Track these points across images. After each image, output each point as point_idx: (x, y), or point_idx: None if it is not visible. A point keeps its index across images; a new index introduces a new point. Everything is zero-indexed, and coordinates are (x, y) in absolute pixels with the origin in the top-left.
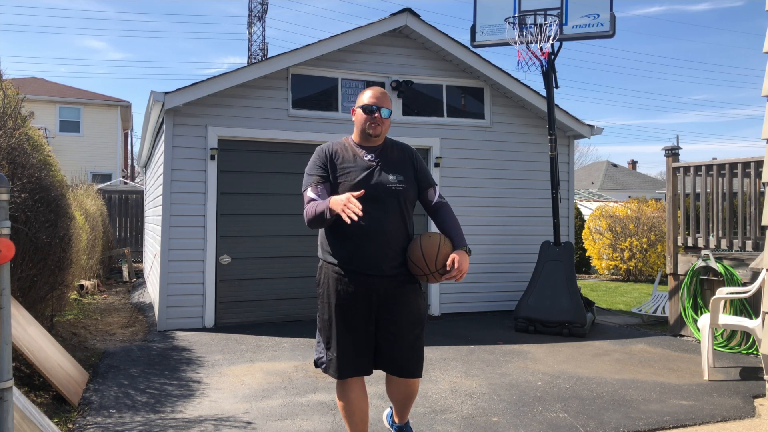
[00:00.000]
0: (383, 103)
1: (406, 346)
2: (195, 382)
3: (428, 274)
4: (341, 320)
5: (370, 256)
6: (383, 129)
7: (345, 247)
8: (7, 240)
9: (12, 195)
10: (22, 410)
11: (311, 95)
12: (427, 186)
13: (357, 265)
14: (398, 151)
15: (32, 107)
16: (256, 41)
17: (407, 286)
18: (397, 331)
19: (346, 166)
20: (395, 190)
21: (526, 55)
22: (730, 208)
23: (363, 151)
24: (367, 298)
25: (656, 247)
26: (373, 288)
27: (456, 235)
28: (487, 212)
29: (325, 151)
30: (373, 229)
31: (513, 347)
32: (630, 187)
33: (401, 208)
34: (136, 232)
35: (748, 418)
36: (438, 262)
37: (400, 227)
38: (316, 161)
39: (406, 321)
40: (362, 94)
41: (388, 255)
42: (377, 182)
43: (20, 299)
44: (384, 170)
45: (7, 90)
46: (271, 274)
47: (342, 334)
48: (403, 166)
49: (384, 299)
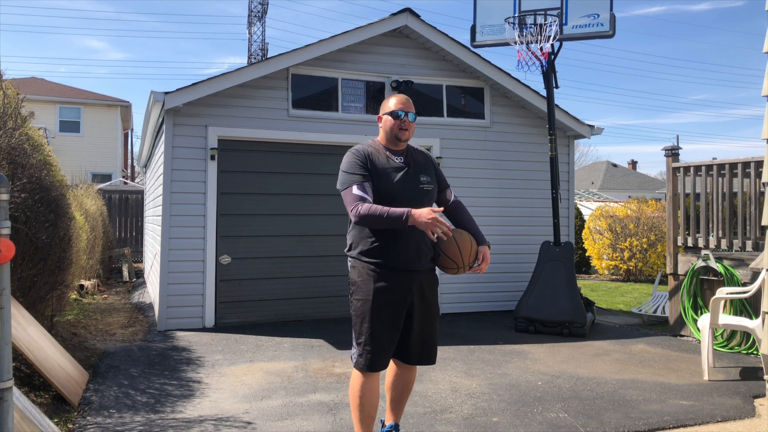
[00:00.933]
0: (409, 108)
1: (428, 336)
2: (195, 382)
3: (461, 267)
4: (377, 317)
5: (410, 253)
6: (410, 133)
7: (386, 246)
8: (7, 240)
9: (12, 195)
10: (22, 410)
11: (311, 95)
12: (445, 187)
13: (398, 262)
14: (420, 155)
15: (32, 107)
16: (256, 41)
17: (434, 280)
18: (422, 323)
19: (382, 167)
20: (426, 190)
21: (526, 55)
22: (730, 208)
23: (391, 153)
24: (405, 294)
25: (656, 247)
26: (412, 283)
27: (478, 230)
28: (487, 212)
29: (362, 152)
30: (412, 228)
31: (513, 347)
32: (630, 187)
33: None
34: (136, 232)
35: (748, 418)
36: (471, 257)
37: None
38: (356, 161)
39: (431, 313)
40: (387, 101)
41: (424, 251)
42: (413, 182)
43: (20, 299)
44: (415, 171)
45: (7, 90)
46: (271, 274)
47: (378, 330)
48: (428, 168)
49: (418, 294)
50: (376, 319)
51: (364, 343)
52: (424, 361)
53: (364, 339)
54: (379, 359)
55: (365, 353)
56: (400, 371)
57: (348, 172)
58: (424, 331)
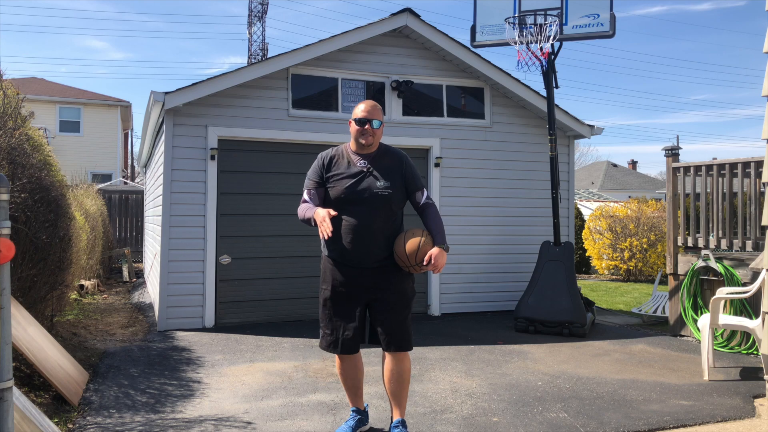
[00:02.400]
0: (374, 115)
1: (396, 323)
2: (195, 382)
3: (409, 266)
4: (333, 305)
5: (357, 251)
6: (375, 139)
7: (337, 243)
8: (7, 240)
9: (12, 195)
10: (22, 410)
11: (311, 95)
12: (414, 189)
13: (347, 259)
14: (389, 158)
15: (32, 107)
16: (256, 41)
17: (393, 274)
18: (386, 312)
19: (339, 172)
20: (382, 195)
21: (526, 55)
22: (730, 208)
23: (357, 157)
24: (355, 287)
25: (656, 247)
26: (361, 277)
27: (437, 233)
28: (487, 212)
29: (323, 158)
30: (361, 228)
31: (513, 347)
32: (630, 187)
33: (387, 211)
34: (136, 232)
35: (748, 418)
36: (417, 257)
37: (386, 226)
38: (314, 167)
39: (393, 303)
40: (356, 108)
41: (373, 251)
42: (365, 187)
43: (20, 299)
44: (374, 176)
45: (7, 90)
46: (271, 274)
47: (331, 316)
48: (392, 172)
49: (372, 287)
50: (330, 307)
51: (322, 326)
52: (393, 347)
53: (323, 324)
54: (333, 341)
55: (324, 336)
56: (387, 361)
57: (307, 177)
58: (386, 319)
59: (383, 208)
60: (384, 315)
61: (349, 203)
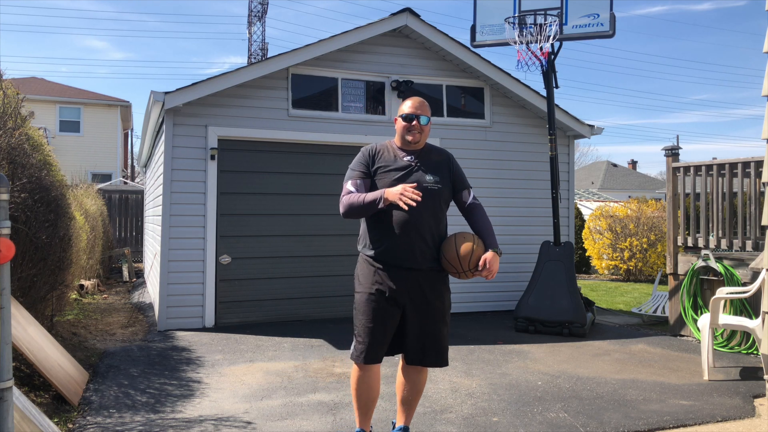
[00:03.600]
0: (422, 111)
1: (431, 336)
2: (195, 382)
3: (461, 272)
4: (374, 310)
5: (405, 250)
6: (422, 136)
7: (382, 241)
8: (7, 240)
9: (12, 195)
10: (22, 410)
11: (311, 95)
12: (462, 188)
13: (393, 258)
14: (436, 154)
15: (32, 107)
16: (256, 41)
17: (438, 281)
18: (422, 322)
19: (386, 164)
20: (431, 190)
21: (526, 55)
22: (730, 208)
23: (403, 153)
24: (400, 291)
25: (656, 247)
26: (409, 281)
27: (488, 235)
28: (487, 212)
29: (369, 150)
30: (410, 224)
31: (513, 347)
32: (630, 187)
33: (436, 207)
34: (136, 232)
35: (748, 418)
36: (471, 262)
37: (435, 224)
38: (360, 159)
39: (433, 313)
40: (403, 104)
41: (422, 249)
42: (415, 181)
43: (20, 299)
44: (422, 170)
45: (7, 90)
46: (271, 274)
47: (370, 323)
48: (440, 168)
49: (414, 292)
50: (369, 313)
51: (357, 334)
52: (428, 362)
53: (357, 331)
54: (369, 352)
55: (357, 344)
56: (408, 372)
57: (350, 168)
58: (423, 331)
59: (432, 204)
60: (429, 325)
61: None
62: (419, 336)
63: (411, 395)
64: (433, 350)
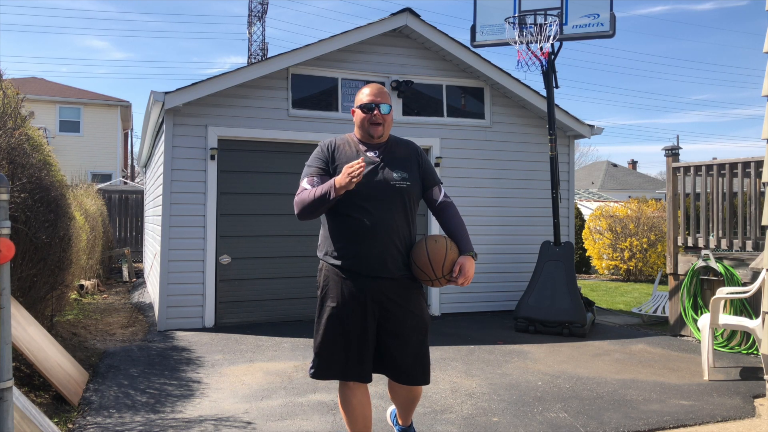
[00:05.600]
0: (382, 99)
1: (411, 353)
2: (195, 382)
3: (434, 279)
4: (339, 323)
5: (375, 257)
6: (386, 127)
7: (348, 248)
8: (7, 240)
9: (12, 195)
10: (22, 410)
11: (311, 95)
12: (432, 184)
13: (361, 267)
14: (402, 147)
15: (32, 107)
16: (256, 41)
17: (411, 289)
18: (401, 337)
19: (348, 161)
20: (399, 188)
21: (526, 55)
22: (730, 208)
23: (365, 147)
24: (369, 302)
25: (656, 247)
26: (376, 291)
27: (462, 238)
28: (487, 212)
29: (327, 146)
30: (379, 228)
31: (513, 347)
32: (630, 187)
33: (405, 207)
34: (136, 232)
35: (748, 418)
36: (445, 268)
37: (405, 227)
38: (317, 154)
39: (410, 326)
40: (360, 93)
41: (393, 255)
42: (381, 179)
43: (20, 299)
44: (388, 167)
45: (7, 90)
46: (271, 274)
47: (330, 336)
48: (408, 163)
49: (387, 303)
50: (330, 327)
51: (318, 349)
52: (410, 381)
53: (315, 344)
54: (326, 367)
55: (315, 358)
56: (398, 387)
57: (306, 165)
58: (400, 347)
59: (400, 203)
60: (404, 340)
61: (362, 198)
62: (396, 352)
63: (407, 406)
64: (411, 368)
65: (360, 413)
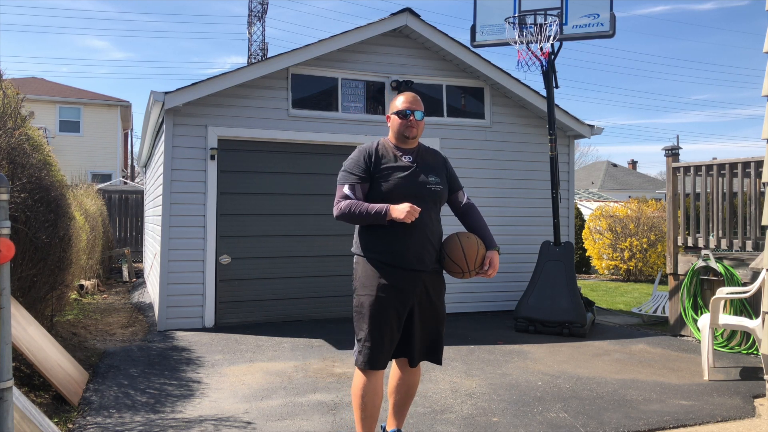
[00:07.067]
0: (416, 106)
1: (436, 338)
2: (195, 382)
3: (466, 272)
4: (379, 314)
5: (414, 252)
6: (418, 131)
7: (390, 243)
8: (7, 240)
9: (12, 195)
10: (22, 410)
11: (311, 95)
12: (457, 188)
13: (401, 261)
14: (432, 155)
15: (32, 107)
16: (256, 41)
17: (440, 282)
18: (430, 324)
19: (388, 165)
20: (434, 191)
21: (526, 55)
22: (730, 208)
23: (401, 152)
24: (407, 293)
25: (656, 247)
26: (415, 283)
27: (488, 235)
28: (487, 212)
29: (368, 150)
30: (417, 226)
31: (513, 347)
32: (630, 187)
33: (436, 208)
34: (136, 232)
35: (748, 418)
36: (477, 262)
37: (436, 225)
38: (358, 160)
39: (437, 315)
40: (395, 100)
41: (429, 251)
42: (420, 182)
43: (20, 299)
44: (423, 171)
45: (7, 90)
46: (271, 274)
47: (378, 327)
48: (438, 168)
49: (423, 293)
50: (376, 317)
51: (363, 339)
52: (430, 358)
53: (363, 336)
54: (377, 357)
55: (364, 350)
56: (404, 374)
57: (346, 170)
58: (427, 332)
59: (433, 204)
60: (427, 326)
61: (404, 198)
62: (423, 337)
63: (406, 398)
64: (434, 350)
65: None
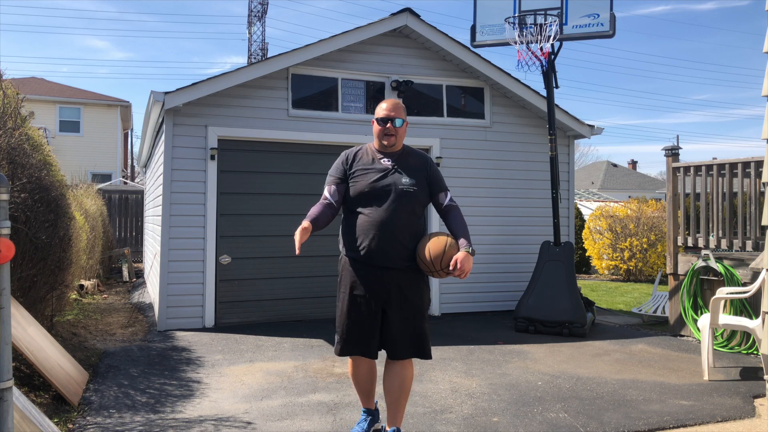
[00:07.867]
0: (396, 113)
1: (415, 330)
2: (195, 382)
3: (434, 271)
4: (353, 307)
5: (381, 250)
6: (398, 138)
7: (360, 241)
8: (7, 240)
9: (12, 195)
10: (22, 410)
11: (311, 95)
12: (438, 190)
13: (370, 258)
14: (414, 157)
15: (32, 107)
16: (256, 41)
17: (415, 279)
18: (408, 318)
19: (363, 167)
20: (406, 191)
21: (526, 55)
22: (730, 208)
23: (381, 155)
24: (378, 288)
25: (656, 247)
26: (384, 279)
27: (462, 236)
28: (487, 212)
29: (348, 154)
30: (385, 224)
31: (513, 347)
32: (630, 187)
33: (412, 208)
34: (136, 232)
35: (748, 418)
36: (443, 262)
37: (411, 225)
38: (338, 164)
39: (414, 309)
40: (378, 107)
41: (398, 249)
42: (391, 183)
43: (20, 299)
44: (399, 173)
45: (7, 90)
46: (271, 274)
47: (351, 319)
48: (417, 172)
49: (395, 290)
50: (346, 310)
51: (337, 330)
52: (417, 354)
53: (338, 327)
54: (347, 346)
55: (339, 340)
56: (392, 367)
57: (329, 173)
58: (407, 327)
59: (407, 205)
60: (404, 319)
61: (373, 198)
62: (403, 332)
63: (399, 394)
64: (417, 345)
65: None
